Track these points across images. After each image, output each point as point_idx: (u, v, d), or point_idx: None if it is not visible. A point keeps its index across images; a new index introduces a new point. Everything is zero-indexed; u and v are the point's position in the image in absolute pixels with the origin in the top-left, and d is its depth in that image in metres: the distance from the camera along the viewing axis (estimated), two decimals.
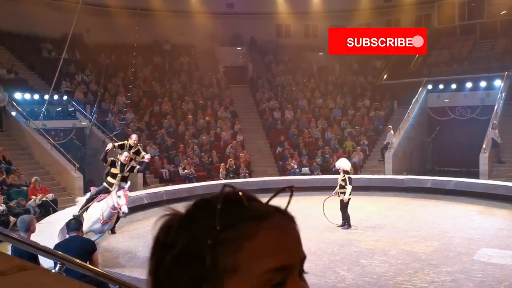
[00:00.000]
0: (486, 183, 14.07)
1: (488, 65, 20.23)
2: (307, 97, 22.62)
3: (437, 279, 6.94)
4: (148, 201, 13.21)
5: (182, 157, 17.70)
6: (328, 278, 7.16)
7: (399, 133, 18.45)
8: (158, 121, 19.58)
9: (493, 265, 7.52)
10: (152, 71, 22.85)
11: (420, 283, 6.81)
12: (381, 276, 7.15)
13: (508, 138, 17.24)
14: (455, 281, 6.82)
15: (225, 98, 22.29)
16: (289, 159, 18.41)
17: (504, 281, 6.74)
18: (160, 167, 17.26)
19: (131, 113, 19.11)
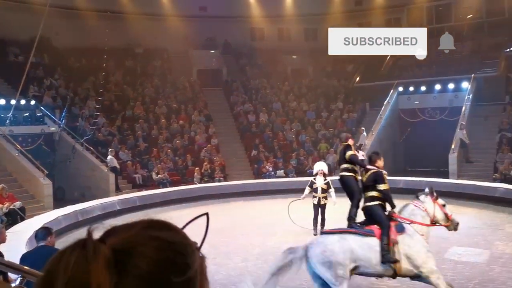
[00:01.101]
0: (455, 182, 14.38)
1: (456, 67, 20.75)
2: (281, 100, 22.73)
3: (407, 279, 7.02)
4: (121, 207, 12.97)
5: (156, 161, 17.51)
6: (303, 280, 7.16)
7: (371, 134, 18.71)
8: (130, 125, 19.32)
9: (463, 263, 7.67)
10: (124, 75, 22.53)
11: (393, 282, 6.87)
12: (354, 277, 7.19)
13: (475, 138, 17.70)
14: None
15: (199, 101, 22.18)
16: (264, 162, 18.43)
17: (474, 279, 6.88)
18: (133, 172, 17.02)
19: (102, 117, 18.79)
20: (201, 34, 25.07)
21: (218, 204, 14.29)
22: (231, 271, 7.70)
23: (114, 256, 0.66)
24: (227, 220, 11.81)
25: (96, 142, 17.43)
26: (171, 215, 4.14)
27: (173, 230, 0.75)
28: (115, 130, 18.76)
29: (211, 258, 8.35)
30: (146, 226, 0.73)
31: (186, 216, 3.28)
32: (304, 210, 12.67)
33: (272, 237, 9.80)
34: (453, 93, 19.77)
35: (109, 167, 16.03)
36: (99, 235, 0.71)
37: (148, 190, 15.32)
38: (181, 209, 13.71)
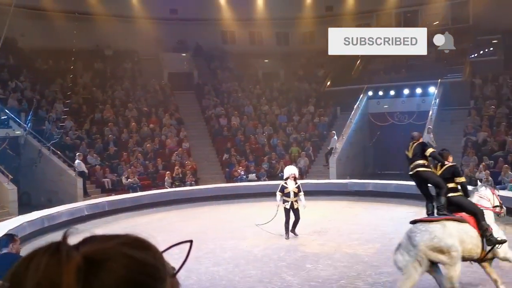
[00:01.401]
0: None
1: (423, 72, 21.24)
2: (253, 103, 22.76)
3: (379, 280, 7.13)
4: (89, 212, 12.72)
5: (126, 165, 17.24)
6: (275, 284, 7.17)
7: (342, 138, 18.94)
8: (99, 129, 18.96)
9: None
10: (92, 77, 22.13)
11: (363, 284, 6.97)
12: (326, 280, 7.25)
13: (442, 142, 18.08)
14: (396, 282, 7.02)
15: (170, 105, 21.98)
16: (236, 166, 18.40)
17: None
18: (101, 177, 16.71)
19: (70, 120, 18.40)
20: (172, 37, 24.87)
21: (189, 208, 14.19)
22: (202, 276, 7.63)
23: (84, 264, 0.65)
24: (198, 224, 11.73)
25: (63, 146, 17.03)
26: (141, 221, 4.10)
27: (151, 252, 0.73)
28: (84, 133, 18.39)
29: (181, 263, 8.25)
30: (124, 242, 0.71)
31: (157, 221, 3.28)
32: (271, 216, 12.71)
33: (243, 241, 9.78)
34: (420, 97, 20.22)
35: (77, 172, 15.69)
36: (77, 241, 0.70)
37: (118, 195, 15.06)
38: (152, 213, 13.55)
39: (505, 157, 15.35)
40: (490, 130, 17.42)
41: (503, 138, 16.61)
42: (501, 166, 14.86)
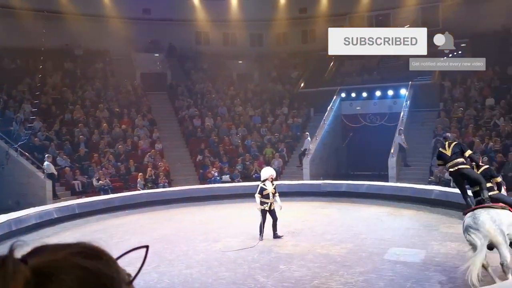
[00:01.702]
0: (394, 185, 14.93)
1: (395, 75, 21.61)
2: (227, 104, 22.70)
3: (351, 279, 7.19)
4: (59, 215, 12.39)
5: (97, 167, 16.93)
6: (248, 286, 7.15)
7: (315, 139, 19.08)
8: (69, 130, 18.57)
9: (401, 263, 7.95)
10: (62, 77, 21.67)
11: (336, 284, 7.02)
12: (299, 281, 7.27)
13: (413, 143, 18.48)
14: (367, 281, 7.11)
15: (143, 105, 21.71)
16: (210, 167, 18.30)
17: (411, 278, 7.14)
18: (71, 179, 16.36)
19: (39, 121, 17.95)
20: (144, 37, 24.58)
21: (162, 210, 14.02)
22: (174, 279, 7.54)
23: (33, 278, 0.61)
24: (171, 227, 11.61)
25: (32, 147, 16.60)
26: (113, 223, 4.01)
27: (104, 260, 0.69)
28: (53, 134, 17.98)
29: (154, 266, 8.14)
30: (76, 252, 0.67)
31: (129, 223, 3.19)
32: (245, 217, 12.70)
33: (216, 243, 9.72)
34: (392, 99, 20.56)
35: (46, 174, 15.32)
36: (26, 252, 0.66)
37: (88, 197, 14.75)
38: (124, 216, 13.34)
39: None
40: (459, 132, 17.83)
41: (471, 139, 17.03)
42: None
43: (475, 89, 19.95)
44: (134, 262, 0.80)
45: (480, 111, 18.72)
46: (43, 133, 17.65)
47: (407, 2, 24.49)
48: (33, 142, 16.88)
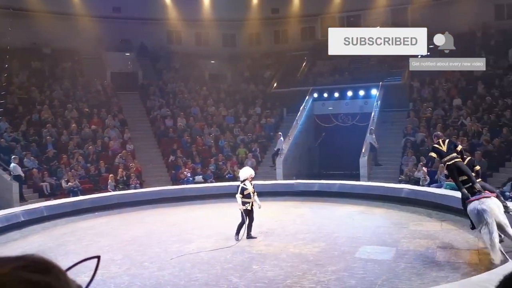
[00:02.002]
0: (365, 184, 15.15)
1: (366, 75, 21.94)
2: (199, 104, 22.56)
3: (323, 278, 7.24)
4: (26, 218, 12.07)
5: (66, 168, 16.56)
6: (221, 286, 7.11)
7: (288, 139, 19.18)
8: (37, 130, 18.11)
9: (372, 261, 8.06)
10: (29, 77, 21.12)
11: (308, 284, 7.05)
12: (272, 280, 7.28)
13: (383, 142, 18.80)
14: (339, 279, 7.18)
15: (113, 105, 21.36)
16: (182, 168, 18.16)
17: (382, 276, 7.24)
18: (39, 180, 15.95)
19: (5, 122, 17.46)
20: (115, 36, 24.20)
21: (133, 211, 13.82)
22: (146, 281, 7.43)
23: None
24: (143, 228, 11.45)
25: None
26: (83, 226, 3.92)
27: (53, 274, 0.66)
28: (20, 135, 17.49)
29: (125, 269, 8.01)
30: (22, 265, 0.64)
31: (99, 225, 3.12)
32: (218, 218, 12.66)
33: (189, 244, 9.64)
34: (363, 99, 20.86)
35: (13, 176, 14.88)
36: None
37: (57, 199, 14.41)
38: (94, 218, 13.09)
39: None
40: (428, 131, 18.23)
41: None
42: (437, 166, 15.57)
43: (443, 90, 20.45)
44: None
45: (448, 111, 19.19)
46: (10, 134, 17.16)
47: (378, 4, 24.90)
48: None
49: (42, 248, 9.75)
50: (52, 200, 14.49)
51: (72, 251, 9.53)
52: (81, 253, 9.24)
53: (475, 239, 9.28)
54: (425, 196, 12.61)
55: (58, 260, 2.57)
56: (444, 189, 13.81)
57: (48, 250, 9.63)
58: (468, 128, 17.27)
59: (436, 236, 9.69)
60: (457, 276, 7.01)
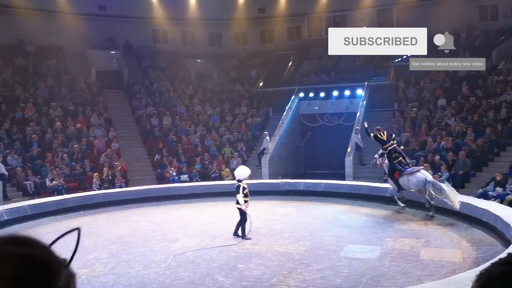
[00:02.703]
0: (351, 184, 15.25)
1: (351, 75, 22.08)
2: (185, 103, 22.48)
3: (308, 277, 7.28)
4: (9, 217, 11.90)
5: (50, 167, 16.36)
6: (207, 285, 7.11)
7: (274, 138, 19.21)
8: (20, 128, 17.87)
9: (358, 260, 8.13)
10: (13, 74, 20.82)
11: (294, 282, 7.09)
12: (258, 279, 7.30)
13: (369, 142, 18.86)
14: (324, 278, 7.23)
15: (99, 104, 21.17)
16: (168, 167, 18.07)
17: (367, 274, 7.31)
18: (23, 179, 15.74)
19: None
20: (100, 34, 24.00)
21: (119, 210, 13.71)
22: (131, 280, 7.40)
23: None
24: (128, 227, 11.38)
25: None
26: (67, 225, 3.90)
27: (35, 247, 0.67)
28: (3, 133, 17.25)
29: (110, 268, 7.96)
30: (8, 242, 0.64)
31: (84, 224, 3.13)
32: (204, 218, 12.65)
33: (174, 243, 9.61)
34: (349, 99, 20.99)
35: None
36: None
37: (41, 198, 14.23)
38: (79, 217, 12.97)
39: (425, 157, 16.30)
40: (413, 131, 18.43)
41: (424, 139, 17.64)
42: (421, 165, 15.76)
43: (427, 90, 20.68)
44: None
45: (433, 111, 19.41)
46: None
47: (363, 4, 25.09)
48: None
49: None
50: (36, 199, 14.30)
51: (55, 250, 9.42)
52: (66, 252, 9.13)
53: (459, 238, 9.43)
54: (410, 196, 12.75)
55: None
56: None
57: None
58: (452, 128, 17.49)
59: (421, 235, 9.80)
60: (441, 275, 7.11)
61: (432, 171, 15.22)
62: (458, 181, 14.61)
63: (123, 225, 11.68)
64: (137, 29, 25.08)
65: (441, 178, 14.69)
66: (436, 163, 15.71)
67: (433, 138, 17.24)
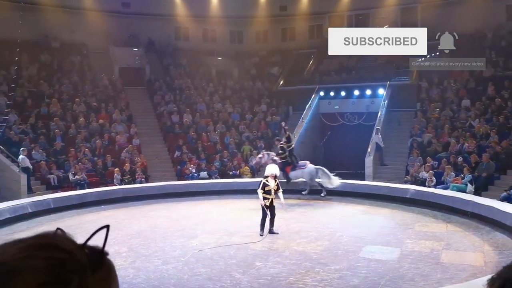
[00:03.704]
0: (370, 184, 15.11)
1: (373, 74, 21.86)
2: (205, 101, 22.60)
3: (326, 277, 7.25)
4: (33, 209, 12.18)
5: (73, 162, 16.66)
6: (224, 282, 7.15)
7: (294, 137, 19.13)
8: (45, 123, 18.24)
9: (376, 261, 8.06)
10: (39, 70, 21.24)
11: (311, 281, 7.07)
12: (275, 277, 7.31)
13: (389, 142, 18.75)
14: (342, 278, 7.19)
15: (121, 100, 21.44)
16: (187, 164, 18.20)
17: (385, 276, 7.24)
18: (47, 173, 16.06)
19: (14, 114, 17.58)
20: (123, 31, 24.29)
21: (139, 206, 13.90)
22: (150, 274, 7.49)
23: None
24: (147, 223, 11.52)
25: (6, 140, 16.24)
26: (88, 218, 3.97)
27: (65, 245, 0.69)
28: (29, 128, 17.63)
29: (130, 262, 8.07)
30: (32, 249, 0.66)
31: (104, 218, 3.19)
32: (222, 214, 12.71)
33: (193, 239, 9.69)
34: (370, 99, 20.80)
35: (21, 167, 14.99)
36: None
37: (64, 192, 14.52)
38: (100, 211, 13.18)
39: (448, 158, 16.05)
40: (435, 132, 18.16)
41: (447, 140, 17.36)
42: (444, 167, 15.53)
43: (451, 90, 20.34)
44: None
45: (456, 112, 19.09)
46: (18, 127, 17.29)
47: (387, 2, 24.78)
48: (8, 135, 16.52)
49: None
50: (59, 192, 14.59)
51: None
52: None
53: (481, 242, 9.26)
54: (431, 197, 12.58)
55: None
56: (450, 190, 13.77)
57: None
58: (476, 130, 17.18)
59: (442, 237, 9.66)
60: (461, 278, 7.00)
61: (454, 173, 15.00)
62: (481, 184, 14.34)
63: (143, 220, 11.82)
64: (159, 27, 25.31)
65: (463, 180, 14.45)
66: (459, 165, 15.45)
67: (456, 140, 16.96)
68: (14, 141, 16.49)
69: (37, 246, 0.67)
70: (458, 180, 14.54)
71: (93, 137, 18.39)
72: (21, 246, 0.66)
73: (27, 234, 2.93)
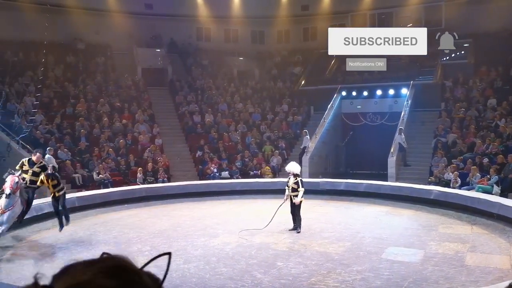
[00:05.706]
0: (393, 185, 14.93)
1: (396, 74, 21.57)
2: (227, 101, 22.68)
3: (348, 278, 7.20)
4: None
5: (97, 161, 16.94)
6: (245, 282, 7.17)
7: (315, 137, 19.07)
8: (70, 123, 18.59)
9: (399, 262, 7.96)
10: (64, 71, 21.67)
11: (333, 282, 7.03)
12: (296, 278, 7.29)
13: (413, 143, 18.48)
14: (365, 279, 7.12)
15: (143, 100, 21.71)
16: (209, 163, 18.31)
17: (409, 278, 7.15)
18: (72, 172, 16.37)
19: (41, 114, 17.97)
20: (146, 32, 24.56)
21: (161, 205, 14.05)
22: (173, 273, 7.56)
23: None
24: (170, 222, 11.63)
25: (33, 140, 16.61)
26: (112, 217, 4.05)
27: (129, 275, 0.70)
28: (54, 128, 18.00)
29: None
30: (101, 271, 0.68)
31: (127, 217, 3.24)
32: (243, 214, 12.74)
33: (214, 239, 9.74)
34: (393, 98, 20.53)
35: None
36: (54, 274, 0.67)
37: (88, 191, 14.78)
38: (123, 210, 13.37)
39: (473, 159, 15.73)
40: (460, 132, 17.82)
41: (472, 140, 17.02)
42: (469, 168, 15.23)
43: (477, 90, 19.92)
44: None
45: (482, 112, 18.70)
46: (45, 126, 17.67)
47: (410, 1, 24.42)
48: (35, 135, 16.90)
49: (73, 238, 10.04)
50: (84, 191, 14.85)
51: (102, 241, 9.78)
52: (110, 243, 9.47)
53: (508, 244, 9.06)
54: (456, 199, 12.37)
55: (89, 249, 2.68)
56: (475, 191, 13.50)
57: (79, 240, 9.91)
58: (502, 130, 16.79)
59: (466, 239, 9.48)
60: (487, 281, 6.86)
61: (480, 173, 14.69)
62: (508, 185, 14.01)
63: (165, 219, 11.94)
64: (181, 27, 25.51)
65: (489, 181, 14.15)
66: (484, 166, 15.13)
67: (482, 140, 16.61)
68: (40, 141, 16.84)
69: (107, 268, 0.69)
70: (483, 181, 14.24)
71: (116, 137, 18.66)
72: (92, 268, 0.68)
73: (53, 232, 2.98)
